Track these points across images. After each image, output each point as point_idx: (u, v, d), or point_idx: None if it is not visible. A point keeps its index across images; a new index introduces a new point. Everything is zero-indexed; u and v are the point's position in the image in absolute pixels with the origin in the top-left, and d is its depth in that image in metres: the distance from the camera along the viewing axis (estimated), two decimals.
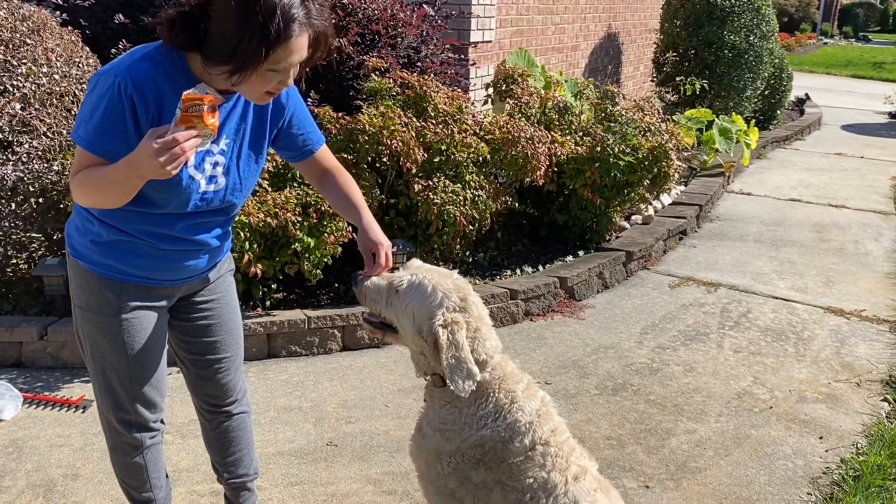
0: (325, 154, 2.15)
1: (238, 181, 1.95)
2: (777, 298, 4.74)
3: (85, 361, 2.06)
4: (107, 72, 1.73)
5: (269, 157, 3.71)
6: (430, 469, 1.97)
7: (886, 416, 3.41)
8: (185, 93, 1.63)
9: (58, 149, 3.81)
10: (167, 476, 2.24)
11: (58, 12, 4.68)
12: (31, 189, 3.62)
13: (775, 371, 3.81)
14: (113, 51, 5.15)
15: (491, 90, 6.02)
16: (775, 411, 3.43)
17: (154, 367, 2.04)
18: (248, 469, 2.37)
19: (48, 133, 3.80)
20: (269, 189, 3.72)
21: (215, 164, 1.88)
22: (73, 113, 3.92)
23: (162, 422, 2.14)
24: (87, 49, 4.15)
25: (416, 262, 2.01)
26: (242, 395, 2.30)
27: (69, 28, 4.22)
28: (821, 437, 3.23)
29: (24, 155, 3.66)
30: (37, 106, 3.70)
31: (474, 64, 5.96)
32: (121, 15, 5.22)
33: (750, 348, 4.06)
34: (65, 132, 3.84)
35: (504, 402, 1.91)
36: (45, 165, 3.69)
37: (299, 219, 3.65)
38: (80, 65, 3.98)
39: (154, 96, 1.73)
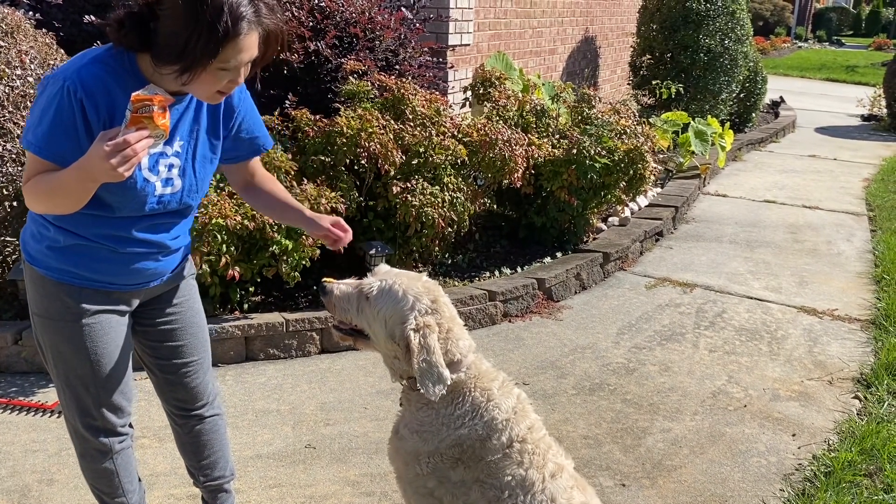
0: (259, 159, 2.18)
1: (194, 182, 1.94)
2: (752, 298, 4.81)
3: (48, 369, 2.03)
4: (55, 76, 1.72)
5: None
6: (408, 470, 1.98)
7: (857, 414, 3.47)
8: (133, 94, 1.63)
9: None
10: (140, 480, 2.23)
11: (31, 13, 4.64)
12: (5, 193, 3.58)
13: (749, 370, 3.87)
14: None
15: (469, 93, 6.04)
16: (749, 409, 3.48)
17: (119, 372, 2.01)
18: (224, 471, 2.37)
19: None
20: None
21: (170, 167, 1.88)
22: None
23: (130, 426, 2.12)
24: (62, 51, 4.11)
25: (384, 268, 2.02)
26: (213, 398, 2.29)
27: (43, 30, 4.18)
28: (793, 435, 3.28)
29: None
30: (10, 109, 3.67)
31: (452, 67, 5.99)
32: (91, 16, 5.18)
33: (725, 348, 4.11)
34: None
35: (480, 401, 1.93)
36: (20, 169, 3.65)
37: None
38: (55, 67, 3.95)
39: (104, 99, 1.73)
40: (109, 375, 1.98)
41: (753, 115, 10.30)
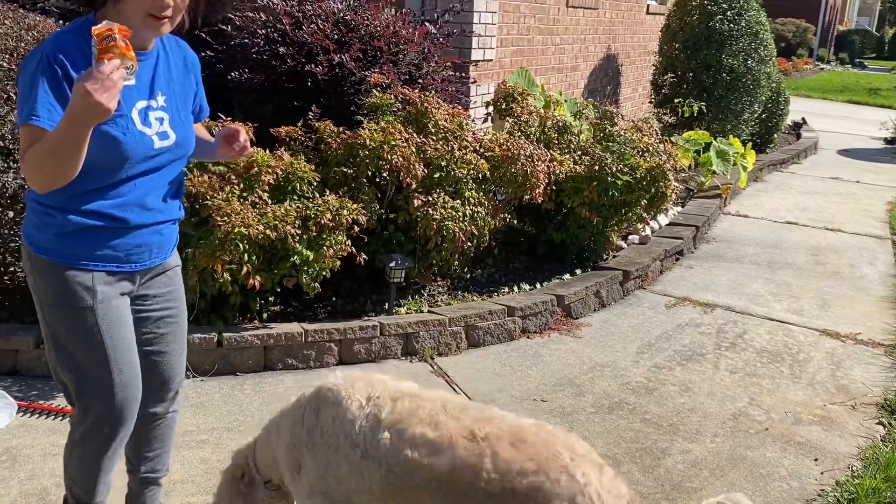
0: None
1: (186, 133, 2.06)
2: (773, 320, 4.76)
3: (57, 360, 2.06)
4: (33, 52, 1.85)
5: (270, 170, 3.73)
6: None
7: (881, 440, 3.41)
8: (93, 28, 1.69)
9: None
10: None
11: (61, 20, 4.71)
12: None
13: (771, 392, 3.82)
14: None
15: (491, 108, 6.05)
16: (771, 433, 3.44)
17: (132, 360, 2.08)
18: (164, 465, 2.43)
19: None
20: (269, 201, 3.73)
21: (161, 120, 1.98)
22: None
23: (132, 421, 2.16)
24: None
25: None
26: (177, 393, 2.35)
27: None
28: (816, 460, 3.23)
29: None
30: None
31: (475, 82, 6.01)
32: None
33: (746, 369, 4.06)
34: None
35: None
36: None
37: (299, 231, 3.66)
38: None
39: (81, 59, 1.82)
40: (124, 360, 2.05)
41: (775, 135, 10.24)
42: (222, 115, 4.19)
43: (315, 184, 3.98)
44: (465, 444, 1.88)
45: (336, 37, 4.77)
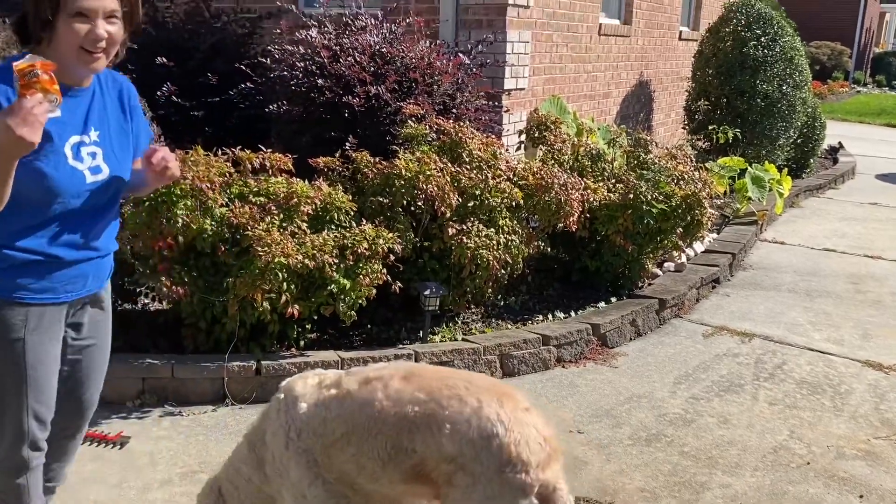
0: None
1: (119, 168, 2.12)
2: (813, 350, 4.68)
3: None
4: None
5: (309, 201, 3.79)
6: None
7: None
8: (14, 64, 1.75)
9: None
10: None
11: None
12: None
13: (812, 425, 3.75)
14: (157, 93, 5.34)
15: (523, 136, 6.08)
16: (813, 467, 3.37)
17: (50, 386, 2.17)
18: (63, 476, 2.51)
19: None
20: (308, 231, 3.79)
21: (94, 155, 2.04)
22: None
23: (45, 443, 2.25)
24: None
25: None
26: (90, 414, 2.44)
27: (120, 73, 4.38)
28: (861, 496, 3.16)
29: None
30: None
31: (507, 110, 6.05)
32: (163, 58, 5.41)
33: (785, 401, 4.00)
34: None
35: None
36: None
37: (336, 260, 3.71)
38: None
39: (14, 95, 1.86)
40: (42, 389, 2.14)
41: (811, 160, 10.12)
42: (262, 147, 4.28)
43: (352, 213, 4.03)
44: (360, 387, 2.10)
45: (372, 69, 4.85)
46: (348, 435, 2.06)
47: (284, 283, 3.57)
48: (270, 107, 4.95)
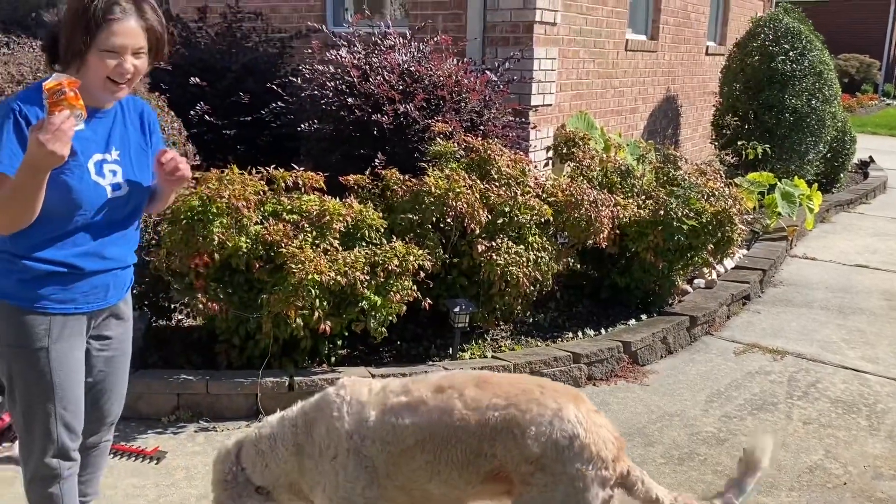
0: None
1: (139, 184, 2.23)
2: (847, 369, 4.61)
3: (8, 395, 2.24)
4: (1, 106, 2.07)
5: (341, 218, 3.84)
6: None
7: None
8: (43, 84, 1.88)
9: None
10: None
11: (141, 76, 4.98)
12: None
13: (848, 445, 3.69)
14: (191, 113, 5.44)
15: (551, 152, 6.10)
16: (850, 488, 3.32)
17: (77, 395, 2.24)
18: (94, 490, 2.56)
19: None
20: (340, 248, 3.83)
21: (114, 172, 2.17)
22: None
23: (77, 452, 2.31)
24: (172, 113, 4.39)
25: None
26: (113, 424, 2.51)
27: (156, 93, 4.48)
28: None
29: None
30: None
31: (535, 127, 6.07)
32: (196, 79, 5.52)
33: (820, 420, 3.94)
34: None
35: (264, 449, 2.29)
36: None
37: (367, 277, 3.74)
38: (165, 129, 4.21)
39: (44, 113, 1.96)
40: (69, 398, 2.21)
41: (841, 175, 10.00)
42: (293, 165, 4.34)
43: (382, 230, 4.07)
44: (435, 396, 2.13)
45: (401, 87, 4.91)
46: (423, 443, 2.10)
47: (317, 300, 3.61)
48: (302, 125, 5.03)
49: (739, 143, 8.38)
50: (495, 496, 2.20)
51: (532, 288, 4.42)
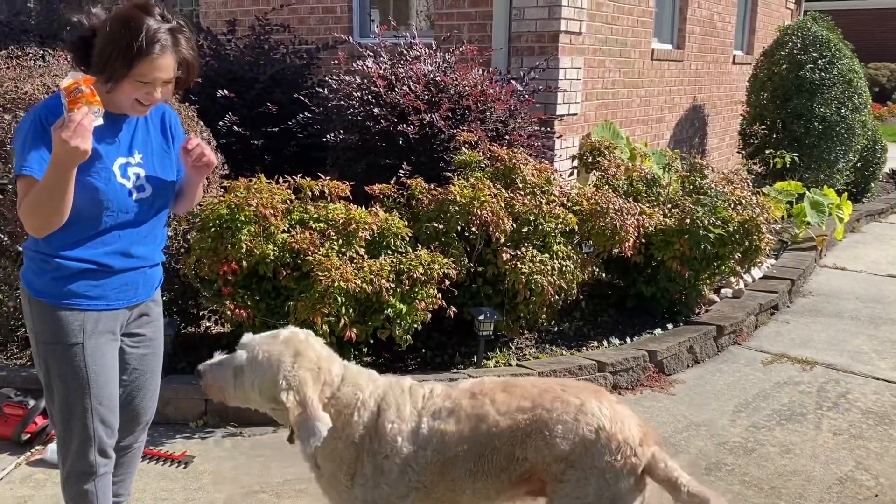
0: None
1: (161, 186, 2.31)
2: (878, 379, 4.54)
3: (46, 393, 2.30)
4: (28, 115, 2.15)
5: (367, 227, 3.87)
6: (339, 494, 2.19)
7: None
8: (61, 83, 1.96)
9: (172, 215, 4.07)
10: None
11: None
12: None
13: (880, 457, 3.63)
14: (220, 123, 5.53)
15: (576, 161, 6.10)
16: (882, 500, 3.26)
17: (113, 391, 2.30)
18: (127, 490, 2.59)
19: None
20: (366, 256, 3.86)
21: (138, 175, 2.25)
22: None
23: (114, 451, 2.36)
24: (202, 123, 4.47)
25: (246, 337, 2.21)
26: (146, 425, 2.54)
27: (186, 104, 4.56)
28: None
29: None
30: None
31: (560, 136, 6.08)
32: (224, 90, 5.61)
33: (851, 431, 3.88)
34: None
35: (351, 391, 2.17)
36: None
37: (392, 285, 3.77)
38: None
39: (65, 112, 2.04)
40: (105, 393, 2.27)
41: (872, 184, 9.86)
42: (320, 175, 4.39)
43: (407, 239, 4.10)
44: (469, 402, 2.16)
45: (426, 97, 4.95)
46: (466, 452, 2.12)
47: (343, 307, 3.64)
48: (328, 136, 5.08)
49: (767, 152, 8.30)
50: (521, 497, 2.22)
51: (557, 297, 4.41)
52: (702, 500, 2.10)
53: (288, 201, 3.97)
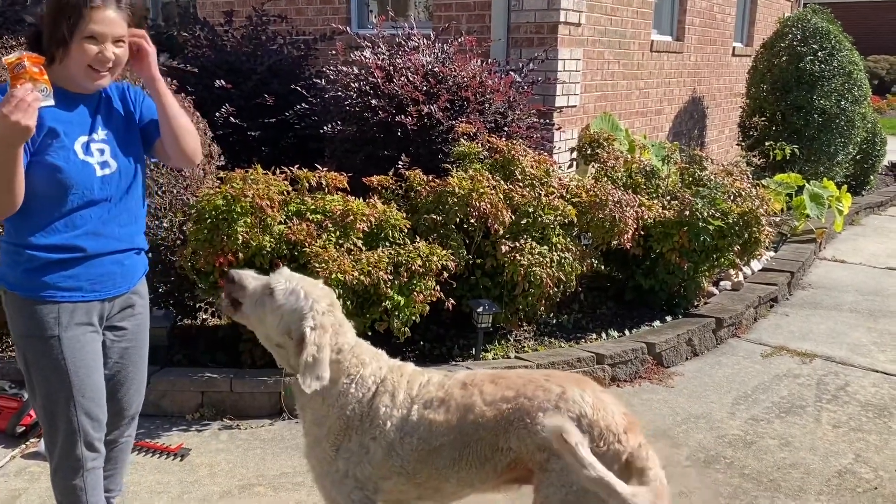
0: None
1: (127, 162, 2.26)
2: (877, 372, 4.53)
3: (28, 388, 2.27)
4: None
5: (364, 218, 3.84)
6: (321, 463, 2.20)
7: None
8: (3, 59, 1.93)
9: (168, 207, 4.05)
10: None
11: (169, 79, 5.03)
12: None
13: (879, 449, 3.62)
14: (216, 114, 5.50)
15: (575, 153, 6.07)
16: (881, 492, 3.25)
17: (96, 383, 2.26)
18: (118, 485, 2.56)
19: (160, 192, 4.05)
20: (363, 248, 3.83)
21: (102, 151, 2.20)
22: (184, 174, 4.17)
23: (103, 444, 2.32)
24: (198, 114, 4.43)
25: (285, 272, 2.22)
26: (133, 419, 2.50)
27: (182, 95, 4.52)
28: None
29: None
30: (151, 167, 3.96)
31: (559, 128, 6.05)
32: (221, 81, 5.57)
33: (850, 423, 3.87)
34: (174, 191, 4.09)
35: (355, 364, 2.19)
36: (156, 222, 3.92)
37: (390, 277, 3.74)
38: None
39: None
40: (87, 385, 2.23)
41: (872, 177, 9.84)
42: (317, 166, 4.36)
43: (406, 231, 4.07)
44: (460, 392, 2.18)
45: (425, 88, 4.91)
46: (452, 441, 2.13)
47: (340, 299, 3.61)
48: (326, 127, 5.05)
49: (767, 144, 8.28)
50: (506, 484, 2.23)
51: (556, 289, 4.39)
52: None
53: (285, 192, 3.94)
